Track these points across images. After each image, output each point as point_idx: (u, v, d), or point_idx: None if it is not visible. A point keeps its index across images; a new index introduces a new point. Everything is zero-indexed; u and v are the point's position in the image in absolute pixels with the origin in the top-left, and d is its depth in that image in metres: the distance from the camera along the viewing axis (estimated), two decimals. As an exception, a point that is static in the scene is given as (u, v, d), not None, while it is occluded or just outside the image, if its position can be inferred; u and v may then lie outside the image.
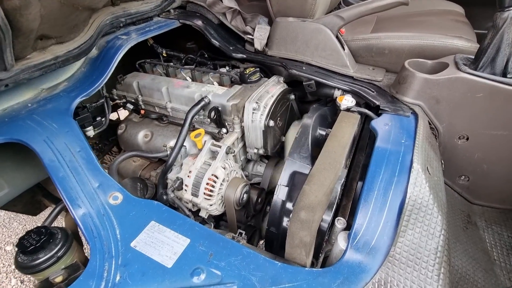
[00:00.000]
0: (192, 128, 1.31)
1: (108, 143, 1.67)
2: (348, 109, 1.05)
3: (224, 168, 1.05)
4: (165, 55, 1.50)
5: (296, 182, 0.98)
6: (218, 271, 0.72)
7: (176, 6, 1.43)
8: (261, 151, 1.24)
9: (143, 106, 1.42)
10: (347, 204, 0.94)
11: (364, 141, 1.21)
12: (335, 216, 0.88)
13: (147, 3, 1.21)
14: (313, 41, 1.23)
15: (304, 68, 1.25)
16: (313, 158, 1.02)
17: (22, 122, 0.84)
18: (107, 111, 1.28)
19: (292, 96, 1.32)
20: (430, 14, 1.55)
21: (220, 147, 1.08)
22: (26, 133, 0.81)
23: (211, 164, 1.06)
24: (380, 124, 0.97)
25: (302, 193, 0.78)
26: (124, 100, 1.37)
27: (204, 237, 0.80)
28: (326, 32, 1.19)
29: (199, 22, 1.35)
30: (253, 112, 1.12)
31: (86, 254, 0.92)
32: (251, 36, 1.37)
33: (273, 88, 1.22)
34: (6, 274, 2.21)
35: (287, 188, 0.99)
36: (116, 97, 1.46)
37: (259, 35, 1.33)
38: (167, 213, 0.86)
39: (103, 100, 1.25)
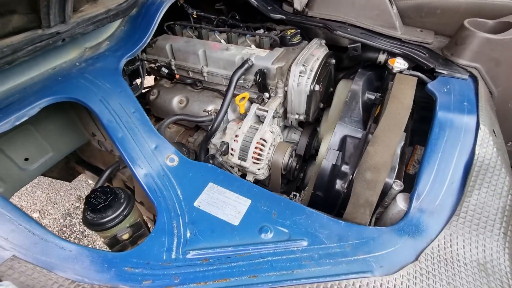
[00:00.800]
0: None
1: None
2: (400, 72, 1.01)
3: (272, 132, 1.04)
4: (195, 16, 1.42)
5: (348, 146, 0.97)
6: (285, 229, 0.73)
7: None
8: (302, 117, 1.22)
9: (176, 71, 1.37)
10: (401, 167, 0.94)
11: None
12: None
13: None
14: (360, 0, 1.16)
15: (349, 29, 1.19)
16: (364, 122, 1.00)
17: (75, 81, 0.81)
18: (142, 74, 1.24)
19: (333, 61, 1.27)
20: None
21: (266, 111, 1.05)
22: (82, 92, 0.78)
23: (257, 128, 1.04)
24: (438, 87, 0.94)
25: (366, 154, 0.78)
26: (158, 64, 1.32)
27: (265, 197, 0.81)
28: (376, -11, 1.11)
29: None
30: (300, 76, 1.08)
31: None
32: (290, -5, 1.29)
33: (317, 50, 1.17)
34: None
35: (338, 152, 0.98)
36: (146, 61, 1.41)
37: (300, -7, 1.25)
38: (222, 176, 0.86)
39: (139, 63, 1.21)
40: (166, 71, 1.30)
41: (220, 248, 0.68)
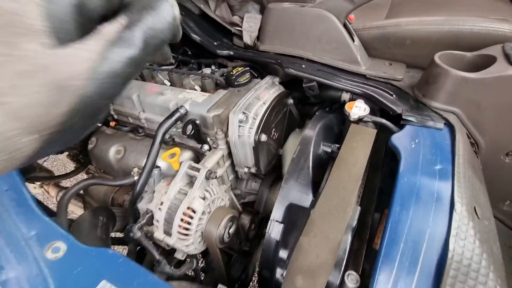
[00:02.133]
0: (172, 143, 1.10)
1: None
2: (360, 120, 0.81)
3: (204, 198, 0.84)
4: (140, 54, 1.27)
5: (294, 218, 0.76)
6: None
7: (148, -6, 1.19)
8: (253, 170, 1.02)
9: (115, 116, 1.21)
10: (359, 248, 0.72)
11: (379, 155, 0.98)
12: (344, 270, 0.65)
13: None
14: (315, 32, 0.99)
15: (303, 66, 1.01)
16: (316, 184, 0.79)
17: None
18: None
19: (291, 101, 1.08)
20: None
21: (198, 170, 0.86)
22: None
23: (187, 193, 0.84)
24: (404, 140, 0.73)
25: (298, 248, 0.56)
26: (89, 111, 1.15)
27: (170, 304, 0.60)
28: (330, 20, 0.94)
29: (175, 13, 1.11)
30: (239, 125, 0.90)
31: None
32: (239, 28, 1.13)
33: (265, 92, 0.99)
34: None
35: (282, 225, 0.77)
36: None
37: (248, 26, 1.09)
38: (123, 268, 0.66)
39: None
40: (98, 118, 1.13)
41: None
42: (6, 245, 0.63)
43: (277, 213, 0.78)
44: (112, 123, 1.15)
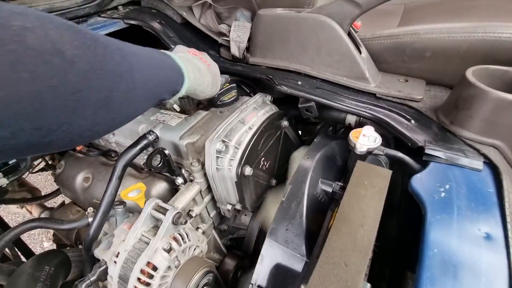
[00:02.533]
0: (147, 169, 0.93)
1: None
2: (368, 153, 0.63)
3: (170, 250, 0.66)
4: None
5: (281, 284, 0.57)
6: None
7: (125, 1, 1.06)
8: (238, 207, 0.84)
9: (87, 137, 1.06)
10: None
11: (394, 194, 0.78)
12: None
13: (70, -4, 0.84)
14: (313, 42, 0.82)
15: (300, 83, 0.84)
16: (311, 237, 0.61)
17: None
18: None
19: (285, 123, 0.91)
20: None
21: (166, 212, 0.69)
22: None
23: (150, 242, 0.67)
24: (429, 185, 0.55)
25: None
26: (53, 133, 1.01)
27: None
28: (332, 28, 0.78)
29: (154, 22, 0.97)
30: (217, 157, 0.72)
31: None
32: (226, 38, 0.98)
33: (252, 114, 0.82)
34: None
35: (266, 293, 0.58)
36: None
37: (237, 36, 0.94)
38: None
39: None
40: (63, 142, 0.98)
41: None
42: None
43: (260, 275, 0.60)
44: (79, 147, 0.99)
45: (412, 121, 0.69)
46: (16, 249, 1.20)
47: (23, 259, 1.21)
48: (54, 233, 1.12)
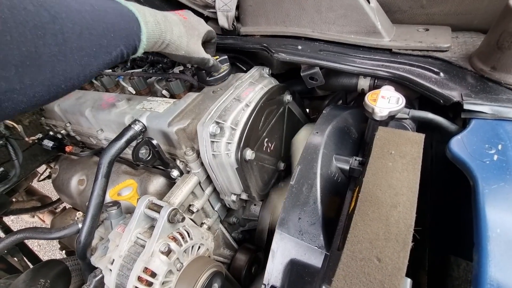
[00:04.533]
0: (142, 164, 0.85)
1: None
2: (390, 118, 0.51)
3: (168, 253, 0.58)
4: (102, 58, 1.04)
5: (297, 284, 0.48)
6: None
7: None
8: (244, 196, 0.75)
9: (78, 138, 0.98)
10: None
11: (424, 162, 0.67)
12: None
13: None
14: (311, -3, 0.69)
15: (300, 47, 0.72)
16: (329, 224, 0.51)
17: None
18: (14, 157, 0.86)
19: (288, 97, 0.80)
20: None
21: (159, 211, 0.60)
22: None
23: (145, 244, 0.59)
24: (475, 147, 0.43)
25: None
26: (39, 135, 0.94)
27: None
28: (332, -25, 0.65)
29: None
30: (212, 141, 0.63)
31: None
32: (213, 10, 0.86)
33: (249, 90, 0.71)
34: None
35: (282, 293, 0.49)
36: (47, 128, 1.05)
37: (223, 4, 0.82)
38: None
39: (1, 142, 0.84)
40: (50, 144, 0.91)
41: None
42: None
43: (273, 274, 0.51)
44: (68, 148, 0.92)
45: (442, 74, 0.56)
46: (25, 259, 1.17)
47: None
48: (59, 240, 1.07)
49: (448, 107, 0.52)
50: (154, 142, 0.64)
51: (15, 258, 1.12)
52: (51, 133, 0.98)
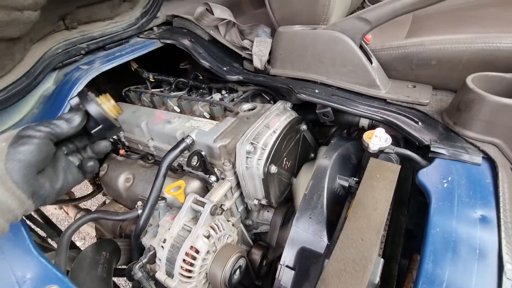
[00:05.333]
0: (180, 170, 1.06)
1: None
2: (380, 152, 0.72)
3: (209, 237, 0.77)
4: (152, 80, 1.28)
5: (306, 264, 0.67)
6: None
7: (160, 22, 1.20)
8: (264, 202, 0.95)
9: (127, 143, 1.20)
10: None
11: (405, 188, 0.87)
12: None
13: (117, 22, 0.99)
14: (328, 55, 0.92)
15: (317, 91, 0.94)
16: (331, 224, 0.70)
17: None
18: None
19: (304, 127, 1.01)
20: (487, 6, 1.16)
21: (204, 205, 0.80)
22: None
23: (192, 229, 0.79)
24: (433, 177, 0.63)
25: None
26: (100, 139, 1.15)
27: None
28: (345, 42, 0.88)
29: (185, 40, 1.11)
30: (247, 157, 0.84)
31: None
32: (249, 52, 1.10)
33: (276, 119, 0.93)
34: None
35: (293, 272, 0.68)
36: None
37: (258, 50, 1.05)
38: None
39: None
40: (109, 147, 1.13)
41: None
42: (-3, 291, 0.60)
43: (288, 257, 0.70)
44: (121, 151, 1.13)
45: (420, 123, 0.78)
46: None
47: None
48: (97, 229, 1.25)
49: (421, 147, 0.73)
50: (203, 153, 0.85)
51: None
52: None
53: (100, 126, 0.61)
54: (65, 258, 0.73)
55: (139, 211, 0.86)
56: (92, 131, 0.62)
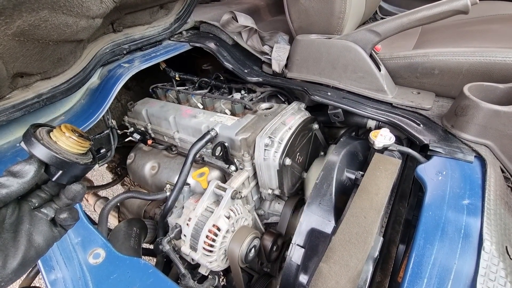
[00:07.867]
0: (201, 162, 1.17)
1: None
2: (384, 149, 0.82)
3: (229, 217, 0.88)
4: (178, 79, 1.40)
5: (315, 243, 0.77)
6: None
7: (189, 27, 1.33)
8: (277, 192, 1.05)
9: (152, 135, 1.32)
10: (383, 280, 0.71)
11: (407, 184, 0.96)
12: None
13: (154, 27, 1.12)
14: (341, 61, 1.03)
15: (329, 93, 1.05)
16: (338, 210, 0.80)
17: (3, 166, 0.77)
18: (112, 142, 1.20)
19: (316, 126, 1.12)
20: (492, 22, 1.25)
21: (225, 190, 0.91)
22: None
23: (213, 211, 0.89)
24: (430, 172, 0.73)
25: (318, 274, 0.58)
26: (131, 129, 1.28)
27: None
28: (356, 51, 0.98)
29: (211, 44, 1.23)
30: (265, 149, 0.94)
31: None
32: (268, 57, 1.21)
33: (291, 118, 1.03)
34: None
35: (303, 249, 0.78)
36: (127, 124, 1.39)
37: (277, 55, 1.16)
38: (153, 278, 0.71)
39: (108, 131, 1.18)
40: (138, 137, 1.25)
41: None
42: (57, 248, 0.71)
43: (299, 237, 0.80)
44: (149, 141, 1.25)
45: (421, 125, 0.87)
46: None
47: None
48: (121, 212, 1.37)
49: (421, 146, 0.82)
50: (226, 144, 0.96)
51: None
52: (139, 128, 1.31)
53: (60, 172, 0.44)
54: (105, 228, 0.85)
55: (168, 193, 0.97)
56: (53, 179, 0.44)
